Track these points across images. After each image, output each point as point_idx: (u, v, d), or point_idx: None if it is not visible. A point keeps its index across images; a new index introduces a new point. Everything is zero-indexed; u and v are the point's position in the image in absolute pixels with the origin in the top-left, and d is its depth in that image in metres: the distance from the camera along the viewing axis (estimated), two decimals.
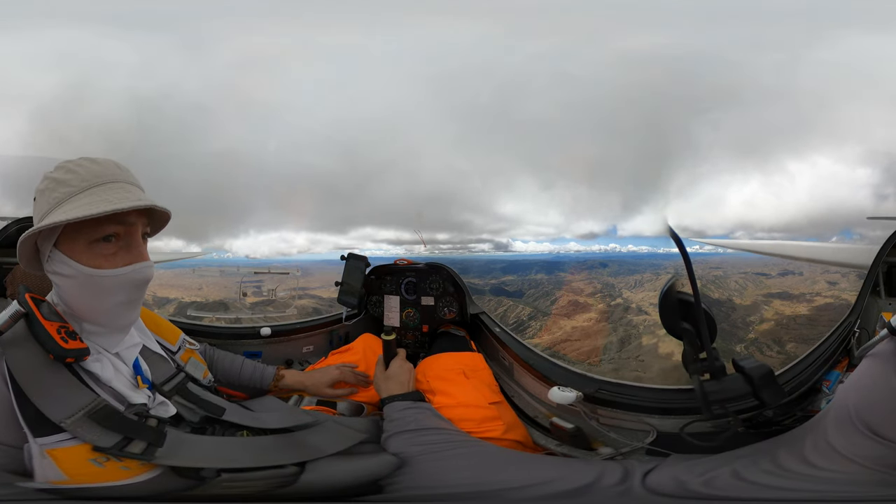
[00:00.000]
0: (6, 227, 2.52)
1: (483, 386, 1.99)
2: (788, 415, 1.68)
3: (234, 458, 1.28)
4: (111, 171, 1.29)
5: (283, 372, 1.91)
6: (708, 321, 1.42)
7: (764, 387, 1.40)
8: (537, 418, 2.08)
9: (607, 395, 1.79)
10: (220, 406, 1.44)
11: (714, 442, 1.41)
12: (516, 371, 2.28)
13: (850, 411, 1.26)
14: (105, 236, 1.24)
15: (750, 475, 1.28)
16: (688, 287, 1.42)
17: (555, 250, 11.82)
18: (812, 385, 1.85)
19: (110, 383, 1.26)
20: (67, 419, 1.13)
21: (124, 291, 1.28)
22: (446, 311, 2.74)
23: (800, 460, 1.29)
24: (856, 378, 1.36)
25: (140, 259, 1.29)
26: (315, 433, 1.46)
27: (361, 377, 2.03)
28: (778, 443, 1.39)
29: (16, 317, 1.21)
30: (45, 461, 1.14)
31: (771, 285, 9.91)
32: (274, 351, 2.75)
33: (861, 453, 1.22)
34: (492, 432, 1.73)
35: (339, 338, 2.85)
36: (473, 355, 2.25)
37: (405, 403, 1.66)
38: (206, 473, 1.22)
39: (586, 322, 12.06)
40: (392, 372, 1.83)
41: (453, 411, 1.73)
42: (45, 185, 1.27)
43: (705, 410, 1.40)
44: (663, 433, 1.64)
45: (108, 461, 1.15)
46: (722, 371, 1.42)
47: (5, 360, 1.18)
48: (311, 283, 5.69)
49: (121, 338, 1.36)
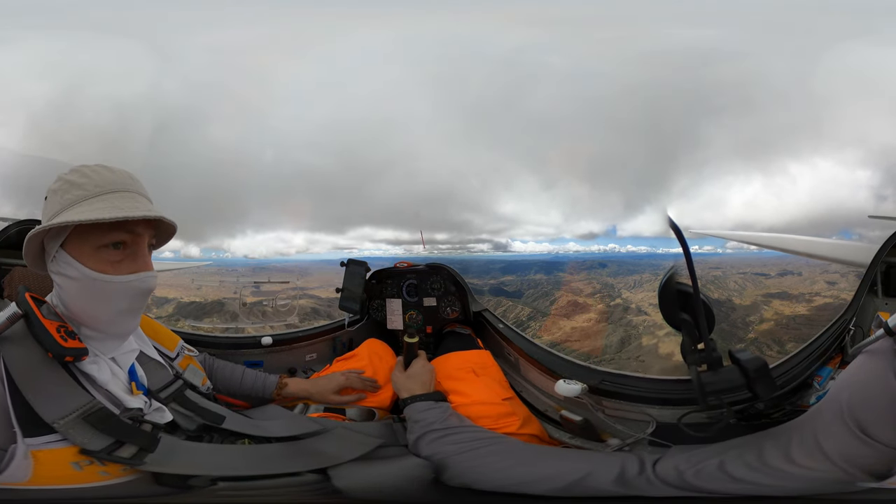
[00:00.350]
0: (6, 229, 2.47)
1: (494, 383, 1.99)
2: (778, 408, 1.70)
3: (232, 466, 1.28)
4: (124, 181, 1.33)
5: (286, 380, 1.89)
6: (707, 312, 1.43)
7: (758, 379, 1.41)
8: (547, 412, 2.09)
9: (610, 386, 1.81)
10: (219, 414, 1.44)
11: (707, 433, 1.43)
12: (522, 366, 2.29)
13: (843, 408, 1.27)
14: (113, 243, 1.26)
15: (733, 469, 1.31)
16: (687, 278, 1.43)
17: (553, 250, 11.82)
18: (804, 380, 1.87)
19: (106, 386, 1.26)
20: (61, 420, 1.13)
21: (126, 299, 1.30)
22: (449, 310, 2.75)
23: (783, 456, 1.31)
24: (849, 375, 1.38)
25: (145, 269, 1.31)
26: (326, 440, 1.45)
27: (369, 382, 2.02)
28: (766, 436, 1.41)
29: (13, 318, 1.21)
30: (25, 462, 1.11)
31: (770, 285, 9.91)
32: (276, 360, 2.70)
33: (842, 451, 1.23)
34: (509, 427, 1.73)
35: (342, 344, 2.83)
36: (481, 353, 2.25)
37: (428, 403, 1.65)
38: (197, 482, 1.21)
39: (586, 323, 12.04)
40: (414, 372, 1.83)
41: (470, 409, 1.73)
42: (59, 185, 1.29)
43: (701, 401, 1.42)
44: (662, 424, 1.65)
45: (90, 465, 1.14)
46: (718, 362, 1.44)
47: (2, 358, 1.17)
48: (310, 283, 5.71)
49: (118, 344, 1.37)
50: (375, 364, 2.12)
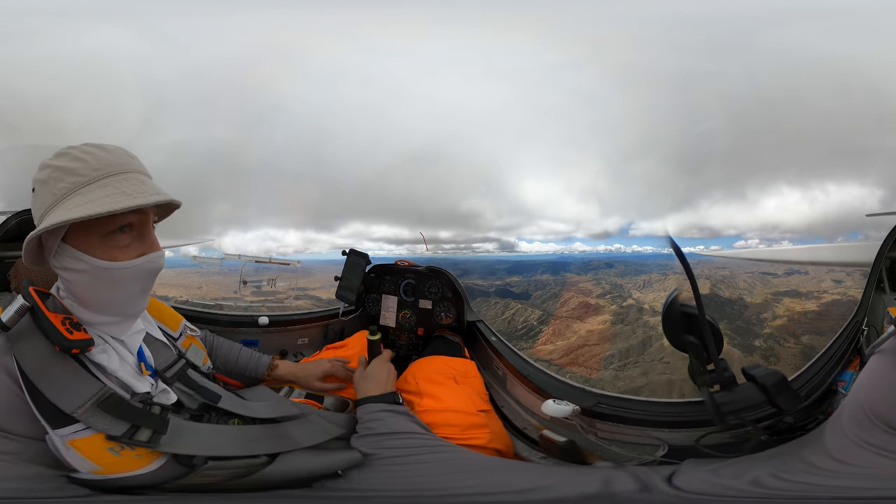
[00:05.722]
0: (6, 221, 2.42)
1: (473, 393, 1.97)
2: (810, 419, 1.66)
3: (222, 446, 1.29)
4: (122, 160, 1.23)
5: (277, 362, 1.89)
6: (713, 332, 1.39)
7: (779, 393, 1.39)
8: (525, 430, 2.06)
9: (607, 409, 1.79)
10: (216, 393, 1.44)
11: (737, 452, 1.41)
12: (509, 381, 2.27)
13: (865, 408, 1.29)
14: (120, 227, 1.20)
15: (789, 475, 1.30)
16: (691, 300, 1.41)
17: (560, 251, 11.81)
18: (828, 387, 1.83)
19: (116, 373, 1.24)
20: (79, 409, 1.13)
21: (139, 281, 1.27)
22: (443, 315, 2.73)
23: (829, 458, 1.31)
24: (865, 376, 1.38)
25: (153, 249, 1.27)
26: (297, 426, 1.47)
27: (352, 373, 1.97)
28: (797, 446, 1.41)
29: (21, 311, 1.19)
30: (70, 452, 1.15)
31: (778, 284, 9.99)
32: (270, 340, 2.78)
33: (886, 447, 1.24)
34: (477, 440, 1.71)
35: (334, 332, 2.86)
36: (465, 362, 2.23)
37: (379, 406, 1.62)
38: (196, 461, 1.23)
39: (601, 325, 12.00)
40: (371, 372, 1.78)
41: (439, 415, 1.72)
42: (47, 174, 1.19)
43: (719, 421, 1.38)
44: (675, 446, 1.62)
45: (122, 450, 1.16)
46: (732, 381, 1.41)
47: (14, 356, 1.18)
48: (310, 283, 5.65)
49: (129, 326, 1.35)
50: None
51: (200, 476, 1.23)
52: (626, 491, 1.32)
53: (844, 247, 4.32)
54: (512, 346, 2.38)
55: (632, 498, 1.31)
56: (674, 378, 8.62)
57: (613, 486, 1.33)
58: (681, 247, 1.37)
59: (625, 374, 10.54)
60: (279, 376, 1.87)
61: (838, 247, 4.91)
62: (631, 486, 1.33)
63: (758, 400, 1.39)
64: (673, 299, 1.45)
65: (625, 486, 1.33)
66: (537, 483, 1.38)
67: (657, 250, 10.92)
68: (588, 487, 1.34)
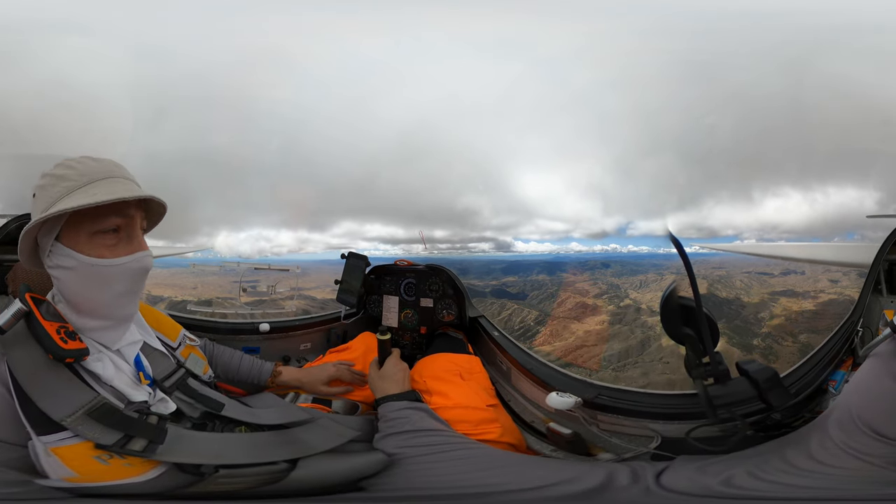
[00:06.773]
0: (6, 225, 2.48)
1: (480, 388, 1.99)
2: (797, 416, 1.66)
3: (231, 454, 1.30)
4: (109, 168, 1.33)
5: (280, 368, 1.90)
6: (710, 325, 1.41)
7: (770, 389, 1.39)
8: (534, 423, 2.07)
9: (608, 400, 1.79)
10: (219, 402, 1.46)
11: (723, 446, 1.41)
12: (514, 375, 2.28)
13: (852, 412, 1.28)
14: (107, 228, 1.27)
15: (766, 474, 1.30)
16: (689, 293, 1.42)
17: (556, 250, 11.82)
18: (818, 386, 1.84)
19: (111, 382, 1.26)
20: (68, 417, 1.15)
21: (125, 281, 1.31)
22: (445, 313, 2.74)
23: (809, 459, 1.31)
24: (858, 379, 1.38)
25: (140, 249, 1.32)
26: (309, 430, 1.47)
27: (358, 376, 2.01)
28: (783, 443, 1.41)
29: (18, 315, 1.21)
30: (51, 459, 1.16)
31: (775, 284, 10.04)
32: (272, 347, 2.77)
33: (868, 451, 1.24)
34: (489, 434, 1.72)
35: (336, 336, 2.86)
36: (470, 358, 2.24)
37: (401, 404, 1.63)
38: (205, 469, 1.24)
39: (599, 325, 12.01)
40: (387, 371, 1.81)
41: (450, 412, 1.72)
42: (45, 181, 1.29)
43: (711, 415, 1.39)
44: (668, 438, 1.63)
45: (112, 458, 1.17)
46: (726, 375, 1.42)
47: (7, 363, 1.19)
48: (304, 283, 5.67)
49: (122, 333, 1.37)
50: (368, 358, 2.06)
51: (215, 484, 1.24)
52: (622, 486, 1.33)
53: (842, 246, 4.35)
54: (514, 340, 2.39)
55: (625, 495, 1.32)
56: (674, 378, 8.66)
57: (615, 481, 1.35)
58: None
59: (625, 375, 10.53)
60: (283, 382, 1.88)
61: (835, 246, 4.93)
62: (626, 482, 1.34)
63: (749, 394, 1.40)
64: (671, 291, 1.46)
65: (621, 481, 1.35)
66: (559, 477, 1.38)
67: (653, 250, 10.94)
68: (598, 481, 1.35)
